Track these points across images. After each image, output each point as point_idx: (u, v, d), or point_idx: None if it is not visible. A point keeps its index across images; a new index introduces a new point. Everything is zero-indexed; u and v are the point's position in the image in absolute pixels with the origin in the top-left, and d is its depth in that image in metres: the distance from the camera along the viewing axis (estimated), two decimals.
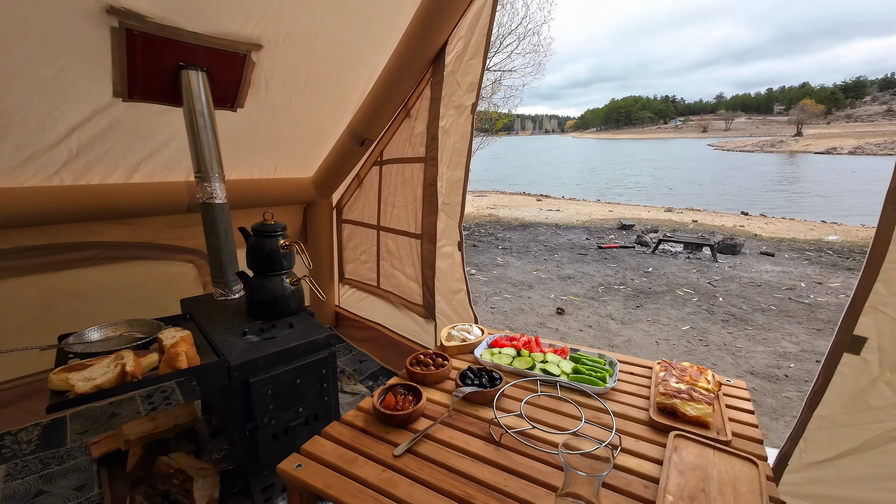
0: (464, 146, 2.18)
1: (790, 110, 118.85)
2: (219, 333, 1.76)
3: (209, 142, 2.03)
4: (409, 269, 2.75)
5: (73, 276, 2.39)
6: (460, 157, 2.21)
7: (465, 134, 2.17)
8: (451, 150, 2.26)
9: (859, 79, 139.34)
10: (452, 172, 2.27)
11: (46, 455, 2.11)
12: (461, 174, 2.20)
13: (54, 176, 2.14)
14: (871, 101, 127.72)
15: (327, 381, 1.79)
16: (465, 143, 2.18)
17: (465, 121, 2.16)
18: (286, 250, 1.95)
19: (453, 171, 2.27)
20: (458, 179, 2.22)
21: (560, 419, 1.13)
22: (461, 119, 2.18)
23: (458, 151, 2.23)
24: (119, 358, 1.36)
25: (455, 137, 2.23)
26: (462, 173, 2.20)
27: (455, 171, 2.25)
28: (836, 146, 55.25)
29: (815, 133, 78.28)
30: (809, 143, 63.41)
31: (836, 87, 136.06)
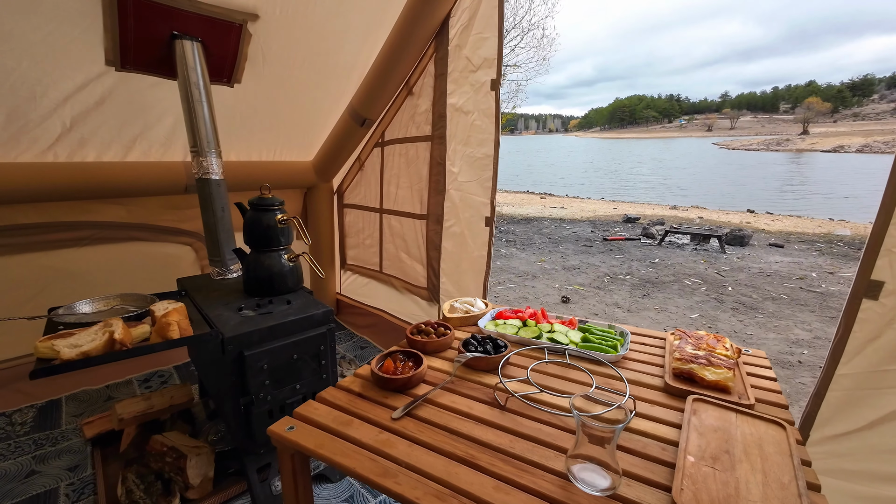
0: (488, 123, 2.13)
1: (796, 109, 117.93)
2: (214, 309, 1.71)
3: (205, 115, 1.97)
4: (414, 251, 2.69)
5: (69, 256, 2.35)
6: (484, 133, 2.16)
7: (487, 110, 2.12)
8: (470, 127, 2.21)
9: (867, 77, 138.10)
10: (474, 150, 2.22)
11: (40, 436, 2.06)
12: (489, 150, 2.15)
13: (48, 151, 2.09)
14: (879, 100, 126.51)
15: (325, 358, 1.73)
16: (489, 120, 2.12)
17: (486, 97, 2.10)
18: (284, 225, 1.89)
19: (475, 148, 2.21)
20: (486, 156, 2.17)
21: (569, 385, 1.06)
22: (479, 95, 2.12)
23: (479, 129, 2.17)
24: (108, 325, 1.30)
25: (475, 115, 2.17)
26: (490, 149, 2.14)
27: (479, 149, 2.20)
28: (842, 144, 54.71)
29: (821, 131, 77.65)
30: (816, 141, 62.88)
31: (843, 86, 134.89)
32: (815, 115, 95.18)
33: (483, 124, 2.16)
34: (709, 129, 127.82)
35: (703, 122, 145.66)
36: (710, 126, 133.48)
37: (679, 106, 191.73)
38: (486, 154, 2.18)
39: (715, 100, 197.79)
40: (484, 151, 2.19)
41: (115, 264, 2.49)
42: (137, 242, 2.57)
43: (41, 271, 2.28)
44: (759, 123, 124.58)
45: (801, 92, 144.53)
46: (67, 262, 2.35)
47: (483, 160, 2.20)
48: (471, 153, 2.24)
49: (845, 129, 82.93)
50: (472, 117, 2.20)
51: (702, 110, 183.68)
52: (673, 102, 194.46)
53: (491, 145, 2.15)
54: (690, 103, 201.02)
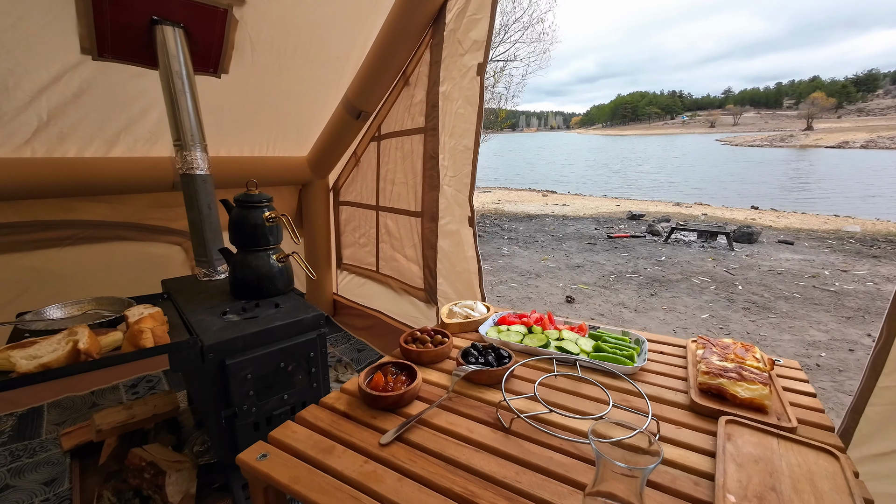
0: (471, 112, 1.99)
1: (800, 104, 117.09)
2: (196, 313, 1.59)
3: (188, 107, 1.85)
4: (410, 250, 2.57)
5: (51, 257, 2.24)
6: (467, 123, 2.01)
7: (470, 98, 1.98)
8: (454, 116, 2.07)
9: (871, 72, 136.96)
10: (457, 141, 2.08)
11: (18, 447, 1.96)
12: (469, 143, 2.01)
13: (25, 146, 1.98)
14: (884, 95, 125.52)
15: (316, 365, 1.62)
16: (472, 109, 1.98)
17: (471, 83, 1.96)
18: (272, 223, 1.77)
19: (458, 139, 2.07)
20: (466, 149, 2.03)
21: (582, 403, 0.94)
22: (465, 81, 1.99)
23: (462, 117, 2.03)
24: (72, 334, 1.19)
25: (458, 102, 2.03)
26: (471, 142, 2.00)
27: (461, 140, 2.06)
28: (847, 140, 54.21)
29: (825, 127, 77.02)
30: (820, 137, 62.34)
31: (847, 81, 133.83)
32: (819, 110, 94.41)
33: (466, 112, 2.02)
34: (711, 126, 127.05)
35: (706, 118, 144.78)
36: (712, 122, 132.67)
37: (681, 102, 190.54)
38: (467, 147, 2.04)
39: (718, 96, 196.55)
40: (465, 143, 2.05)
41: (99, 265, 2.38)
42: (123, 242, 2.46)
43: (21, 273, 2.17)
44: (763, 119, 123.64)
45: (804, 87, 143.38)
46: (49, 264, 2.24)
47: (464, 153, 2.06)
48: (455, 145, 2.11)
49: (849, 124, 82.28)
50: (456, 105, 2.06)
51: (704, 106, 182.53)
52: (675, 99, 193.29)
53: (472, 136, 2.01)
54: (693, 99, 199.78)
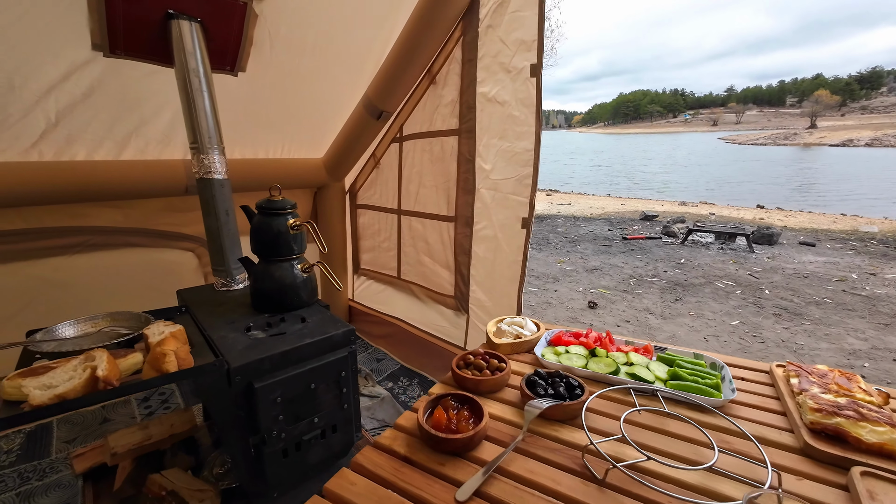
0: (527, 114, 1.89)
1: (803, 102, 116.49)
2: (218, 329, 1.48)
3: (206, 107, 1.74)
4: (438, 255, 2.45)
5: (59, 265, 2.13)
6: (523, 126, 1.92)
7: (525, 100, 1.88)
8: (505, 118, 1.97)
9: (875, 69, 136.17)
10: (512, 144, 1.98)
11: (27, 468, 1.85)
12: (529, 145, 1.91)
13: (32, 150, 1.87)
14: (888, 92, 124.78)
15: (347, 385, 1.50)
16: (529, 111, 1.88)
17: (524, 85, 1.86)
18: (297, 231, 1.66)
19: (513, 142, 1.97)
20: (525, 151, 1.94)
21: (676, 445, 0.82)
22: (517, 83, 1.88)
23: (517, 120, 1.94)
24: (89, 359, 1.08)
25: (511, 106, 1.93)
26: (530, 144, 1.90)
27: (516, 142, 1.96)
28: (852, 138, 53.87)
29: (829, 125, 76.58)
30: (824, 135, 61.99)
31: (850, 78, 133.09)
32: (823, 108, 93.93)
33: (522, 115, 1.92)
34: (714, 124, 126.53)
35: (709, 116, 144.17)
36: (715, 121, 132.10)
37: (684, 100, 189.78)
38: (526, 149, 1.94)
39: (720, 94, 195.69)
40: (523, 146, 1.94)
41: (109, 273, 2.27)
42: (134, 249, 2.34)
43: (27, 283, 2.06)
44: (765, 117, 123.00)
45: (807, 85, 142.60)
46: (57, 273, 2.13)
47: (522, 155, 1.96)
48: (508, 148, 2.00)
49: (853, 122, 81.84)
50: (508, 108, 1.95)
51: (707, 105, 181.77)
52: (678, 97, 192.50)
53: (531, 139, 1.90)
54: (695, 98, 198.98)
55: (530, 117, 1.89)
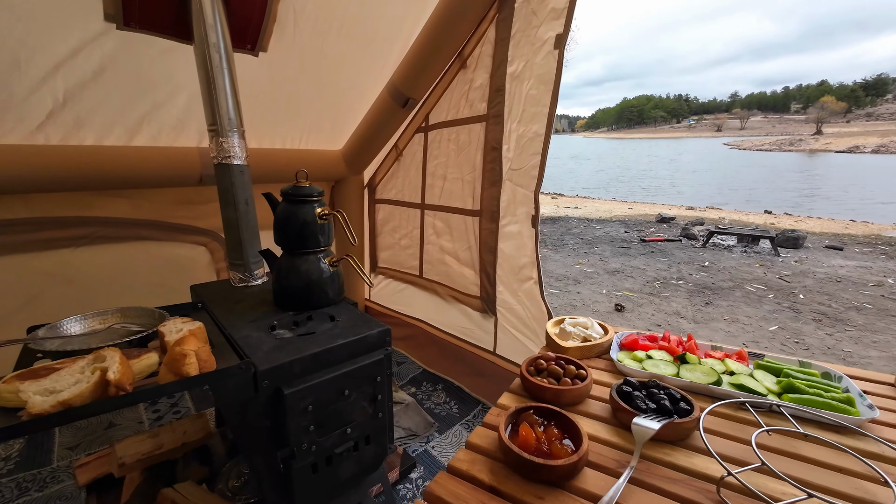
0: (544, 92, 1.72)
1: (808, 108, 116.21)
2: (239, 328, 1.33)
3: (226, 85, 1.60)
4: (463, 253, 2.30)
5: (64, 258, 1.99)
6: (538, 106, 1.75)
7: (544, 76, 1.72)
8: (524, 98, 1.80)
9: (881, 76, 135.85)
10: (526, 128, 1.82)
11: (26, 477, 1.70)
12: (540, 128, 1.74)
13: (38, 132, 1.73)
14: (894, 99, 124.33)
15: (382, 391, 1.35)
16: (545, 89, 1.72)
17: (546, 59, 1.70)
18: (325, 221, 1.51)
19: (527, 125, 1.81)
20: (536, 136, 1.77)
21: (824, 476, 0.66)
22: (538, 57, 1.72)
23: (533, 99, 1.77)
24: (98, 360, 0.93)
25: (530, 82, 1.77)
26: (542, 127, 1.74)
27: (530, 126, 1.79)
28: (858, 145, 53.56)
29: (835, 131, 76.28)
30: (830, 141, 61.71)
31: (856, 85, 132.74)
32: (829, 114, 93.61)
33: (538, 93, 1.75)
34: (718, 130, 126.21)
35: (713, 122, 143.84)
36: (719, 126, 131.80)
37: (688, 106, 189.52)
38: (537, 133, 1.78)
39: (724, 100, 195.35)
40: (535, 129, 1.79)
41: (117, 268, 2.13)
42: (144, 242, 2.20)
43: (31, 277, 1.92)
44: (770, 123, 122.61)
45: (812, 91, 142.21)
46: (62, 266, 1.99)
47: (533, 141, 1.80)
48: (524, 132, 1.85)
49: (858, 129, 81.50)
50: (527, 86, 1.80)
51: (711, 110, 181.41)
52: (682, 102, 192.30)
53: (543, 121, 1.74)
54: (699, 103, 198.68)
55: (545, 95, 1.72)
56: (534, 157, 1.79)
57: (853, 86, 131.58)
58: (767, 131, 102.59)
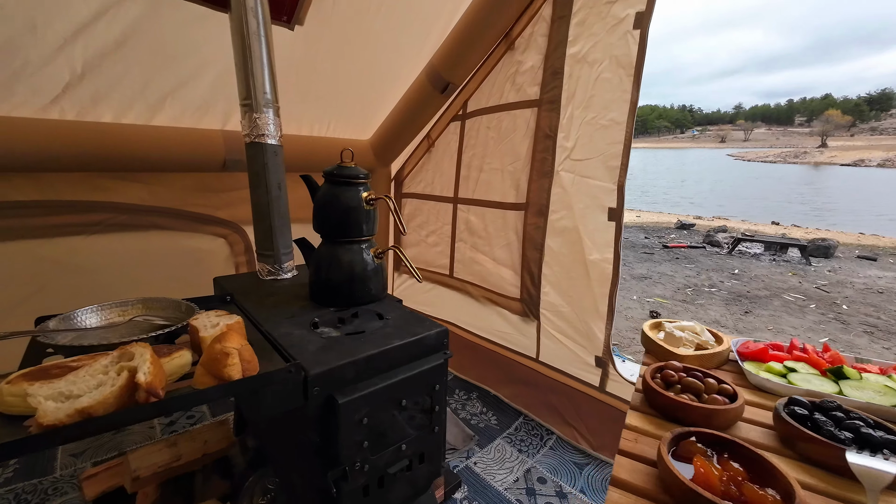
0: (623, 76, 1.58)
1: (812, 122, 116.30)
2: (276, 324, 1.16)
3: (262, 54, 1.44)
4: (502, 251, 2.13)
5: (75, 246, 1.82)
6: (615, 91, 1.60)
7: (622, 58, 1.56)
8: (594, 83, 1.65)
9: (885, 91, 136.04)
10: (597, 114, 1.66)
11: (25, 488, 1.52)
12: (620, 116, 1.60)
13: (52, 106, 1.58)
14: None
15: (440, 401, 1.17)
16: (625, 72, 1.57)
17: (623, 39, 1.55)
18: (371, 206, 1.35)
19: (599, 111, 1.66)
20: (614, 123, 1.62)
21: None
22: (613, 37, 1.57)
23: (608, 84, 1.62)
24: (125, 357, 0.76)
25: (603, 65, 1.61)
26: (622, 115, 1.59)
27: (604, 112, 1.64)
28: (863, 158, 53.41)
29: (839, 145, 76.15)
30: (835, 154, 61.56)
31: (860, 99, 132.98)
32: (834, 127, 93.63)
33: (614, 78, 1.60)
34: (722, 141, 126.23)
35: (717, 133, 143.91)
36: (723, 137, 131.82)
37: (692, 116, 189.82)
38: (615, 120, 1.62)
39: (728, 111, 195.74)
40: (611, 117, 1.63)
41: (131, 259, 1.96)
42: (161, 232, 2.04)
43: (39, 265, 1.76)
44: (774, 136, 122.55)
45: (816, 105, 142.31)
46: (72, 255, 1.82)
47: (609, 128, 1.64)
48: (592, 119, 1.68)
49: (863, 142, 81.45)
50: (598, 69, 1.64)
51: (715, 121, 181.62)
52: (686, 113, 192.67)
53: (624, 108, 1.59)
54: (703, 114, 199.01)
55: (626, 80, 1.57)
56: (612, 146, 1.63)
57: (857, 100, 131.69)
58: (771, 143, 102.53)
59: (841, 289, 3.95)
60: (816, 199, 18.22)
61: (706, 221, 10.87)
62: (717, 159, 61.27)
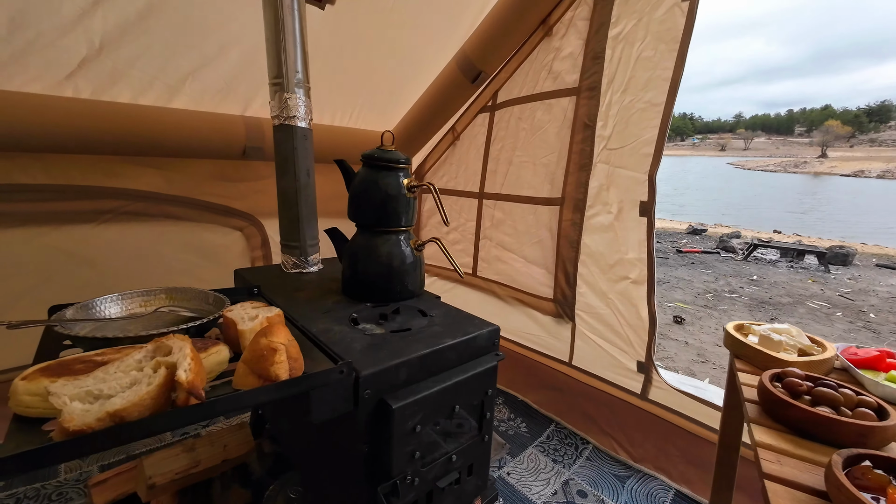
0: (666, 52, 1.47)
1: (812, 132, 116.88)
2: (313, 319, 1.06)
3: (295, 29, 1.35)
4: (532, 248, 2.03)
5: (84, 235, 1.71)
6: (656, 69, 1.49)
7: (664, 34, 1.46)
8: (634, 62, 1.54)
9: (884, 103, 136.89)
10: (634, 97, 1.56)
11: (28, 492, 1.41)
12: (657, 96, 1.49)
13: (66, 82, 1.48)
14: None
15: (490, 408, 1.06)
16: (666, 49, 1.47)
17: (669, 14, 1.45)
18: (413, 194, 1.25)
19: (635, 94, 1.55)
20: (650, 105, 1.51)
21: None
22: (659, 12, 1.47)
23: (648, 62, 1.51)
24: (160, 351, 0.65)
25: (643, 43, 1.52)
26: (660, 95, 1.48)
27: (640, 94, 1.54)
28: (862, 169, 53.65)
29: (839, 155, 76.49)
30: (834, 164, 61.85)
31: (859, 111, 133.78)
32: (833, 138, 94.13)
33: (655, 55, 1.49)
34: (722, 149, 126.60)
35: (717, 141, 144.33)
36: (723, 146, 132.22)
37: (692, 125, 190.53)
38: (652, 102, 1.51)
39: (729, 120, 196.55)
40: (648, 98, 1.52)
41: (142, 250, 1.85)
42: (175, 223, 1.93)
43: (47, 253, 1.65)
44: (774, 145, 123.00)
45: (816, 115, 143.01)
46: (81, 245, 1.71)
47: (645, 111, 1.53)
48: (629, 104, 1.58)
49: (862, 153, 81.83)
50: (638, 47, 1.53)
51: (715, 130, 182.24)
52: (686, 121, 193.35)
53: (664, 87, 1.48)
54: (704, 122, 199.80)
55: (667, 56, 1.45)
56: (647, 130, 1.52)
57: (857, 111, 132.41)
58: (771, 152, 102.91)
59: (865, 297, 3.86)
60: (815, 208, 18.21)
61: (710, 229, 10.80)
62: (717, 168, 61.48)
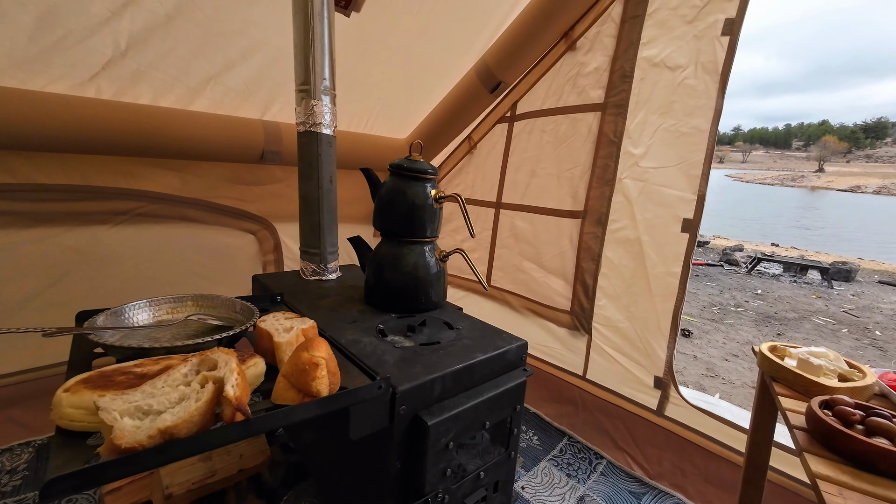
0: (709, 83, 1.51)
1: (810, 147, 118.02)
2: (340, 330, 1.04)
3: (324, 35, 1.34)
4: (552, 260, 2.02)
5: (99, 236, 1.69)
6: (698, 98, 1.53)
7: (708, 64, 1.50)
8: (676, 88, 1.57)
9: (881, 120, 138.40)
10: (679, 122, 1.59)
11: (35, 499, 1.37)
12: (703, 123, 1.53)
13: (89, 83, 1.47)
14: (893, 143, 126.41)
15: (518, 424, 1.05)
16: (710, 79, 1.50)
17: (711, 44, 1.48)
18: (440, 205, 1.24)
19: (680, 119, 1.59)
20: (697, 131, 1.55)
21: None
22: (702, 42, 1.49)
23: (691, 91, 1.55)
24: (205, 364, 0.63)
25: (688, 70, 1.54)
26: (706, 122, 1.52)
27: (686, 120, 1.58)
28: (859, 184, 54.16)
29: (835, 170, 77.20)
30: (831, 179, 62.37)
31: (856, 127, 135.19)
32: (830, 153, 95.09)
33: (698, 85, 1.52)
34: (720, 161, 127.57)
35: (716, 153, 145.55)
36: (721, 158, 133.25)
37: None
38: (698, 128, 1.54)
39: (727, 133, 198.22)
40: (694, 124, 1.55)
41: (156, 252, 1.83)
42: (189, 225, 1.91)
43: (60, 253, 1.63)
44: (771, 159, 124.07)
45: (813, 130, 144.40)
46: (96, 244, 1.69)
47: (692, 137, 1.56)
48: (672, 127, 1.60)
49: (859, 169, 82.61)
50: (681, 74, 1.56)
51: None
52: None
53: (708, 115, 1.51)
54: None
55: (711, 87, 1.49)
56: (694, 154, 1.55)
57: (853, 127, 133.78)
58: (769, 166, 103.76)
59: (870, 314, 3.87)
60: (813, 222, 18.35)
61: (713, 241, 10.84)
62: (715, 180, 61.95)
